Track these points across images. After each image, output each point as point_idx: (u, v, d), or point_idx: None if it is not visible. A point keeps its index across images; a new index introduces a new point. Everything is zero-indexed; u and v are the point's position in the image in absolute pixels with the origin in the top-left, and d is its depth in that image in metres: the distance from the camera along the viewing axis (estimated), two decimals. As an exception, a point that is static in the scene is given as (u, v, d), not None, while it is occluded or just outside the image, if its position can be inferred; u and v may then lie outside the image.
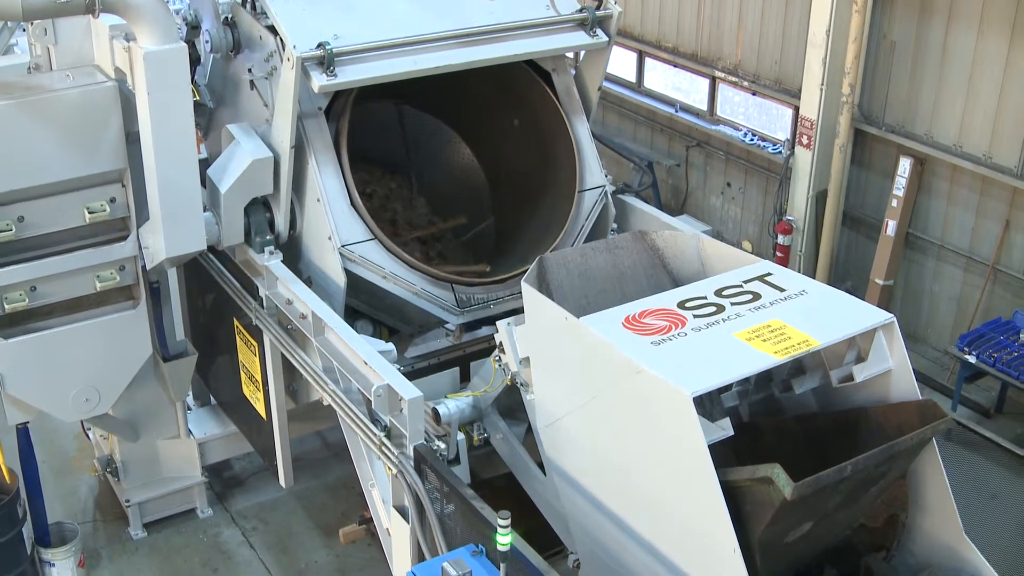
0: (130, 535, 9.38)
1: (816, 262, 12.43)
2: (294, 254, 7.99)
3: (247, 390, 8.54)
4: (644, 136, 14.87)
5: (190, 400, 9.66)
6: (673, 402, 5.23)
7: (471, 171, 9.27)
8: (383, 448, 6.57)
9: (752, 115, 13.24)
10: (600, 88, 8.53)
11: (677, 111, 14.08)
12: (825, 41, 11.56)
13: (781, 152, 12.62)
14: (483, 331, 8.14)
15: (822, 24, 11.57)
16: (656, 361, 5.46)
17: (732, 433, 5.57)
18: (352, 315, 7.84)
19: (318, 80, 7.14)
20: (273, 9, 7.30)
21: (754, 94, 13.05)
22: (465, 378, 7.85)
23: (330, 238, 7.52)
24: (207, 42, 7.92)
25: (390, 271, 7.60)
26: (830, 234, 12.20)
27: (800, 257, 12.53)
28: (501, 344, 6.65)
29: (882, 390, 5.95)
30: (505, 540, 5.19)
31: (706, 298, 6.07)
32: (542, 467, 6.69)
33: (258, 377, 8.21)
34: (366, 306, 7.92)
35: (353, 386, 6.91)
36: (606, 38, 8.12)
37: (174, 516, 9.57)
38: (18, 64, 8.29)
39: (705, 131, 13.73)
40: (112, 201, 7.56)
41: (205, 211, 7.62)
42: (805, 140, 12.14)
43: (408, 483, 6.34)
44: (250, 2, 7.73)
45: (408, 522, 6.48)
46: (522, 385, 6.60)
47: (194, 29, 8.06)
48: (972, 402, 11.01)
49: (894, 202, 11.57)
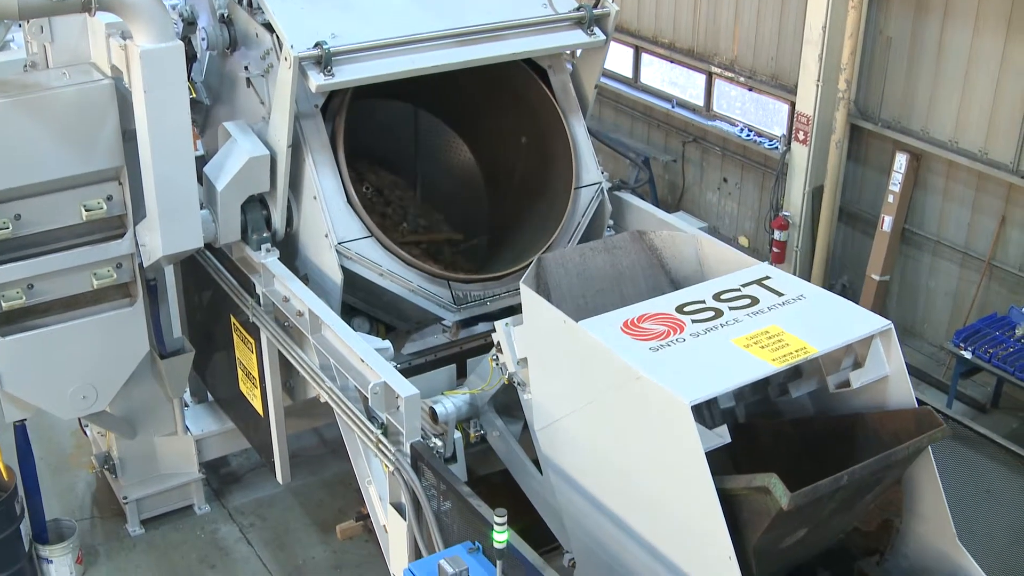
0: (128, 532, 9.40)
1: (812, 258, 12.45)
2: (291, 251, 7.98)
3: (244, 387, 8.55)
4: (641, 132, 14.88)
5: (187, 397, 9.67)
6: (671, 410, 5.24)
7: (467, 168, 9.26)
8: (380, 445, 6.58)
9: (748, 111, 13.25)
10: (597, 86, 8.51)
11: (674, 107, 14.08)
12: (821, 37, 11.58)
13: (777, 148, 12.64)
14: (480, 328, 8.13)
15: (818, 20, 11.58)
16: (655, 368, 5.46)
17: (729, 440, 5.58)
18: (349, 312, 7.84)
19: (315, 80, 7.14)
20: (270, 7, 7.27)
21: (750, 90, 13.07)
22: (462, 374, 7.86)
23: (327, 235, 7.51)
24: (203, 39, 7.90)
25: (387, 268, 7.59)
26: (826, 230, 12.22)
27: (796, 253, 12.55)
28: (499, 343, 6.67)
29: (878, 396, 5.96)
30: (501, 537, 5.19)
31: (704, 302, 6.07)
32: (538, 465, 6.71)
33: (255, 374, 8.22)
34: (363, 303, 7.92)
35: (350, 383, 6.91)
36: (603, 36, 8.10)
37: (172, 512, 9.59)
38: (14, 61, 8.30)
39: (701, 127, 13.74)
40: (109, 199, 7.55)
41: (202, 208, 7.61)
42: (801, 136, 12.15)
43: (405, 480, 6.34)
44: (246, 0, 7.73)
45: (405, 519, 6.48)
46: (519, 385, 6.60)
47: (190, 25, 8.02)
48: (968, 397, 11.03)
49: (890, 198, 11.59)
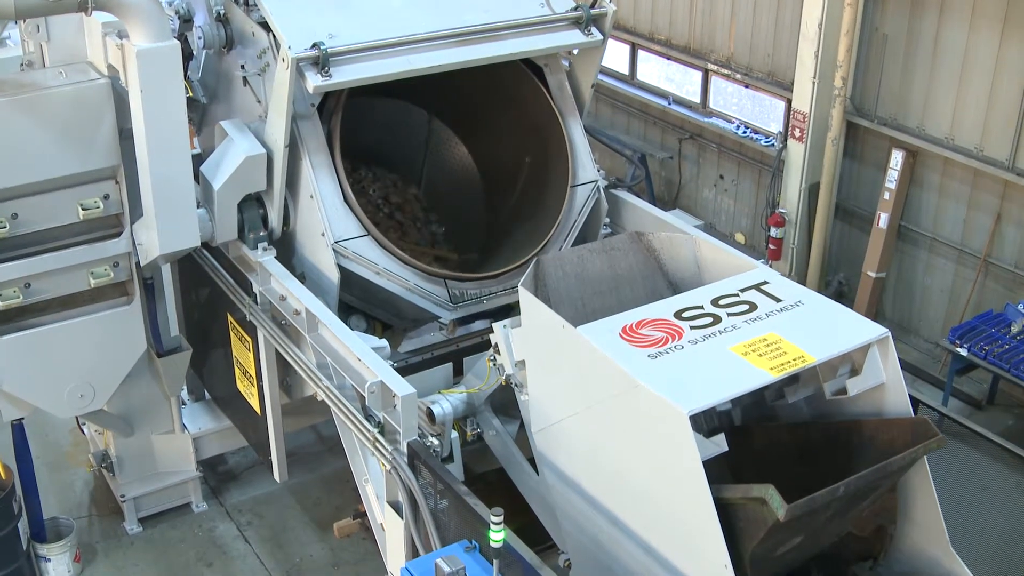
0: (125, 530, 9.41)
1: (809, 254, 12.47)
2: (288, 250, 7.99)
3: (241, 385, 8.56)
4: (637, 128, 14.88)
5: (184, 395, 9.68)
6: (669, 419, 5.26)
7: (464, 166, 9.27)
8: (377, 444, 6.59)
9: (745, 107, 13.25)
10: (594, 85, 8.51)
11: (670, 103, 14.08)
12: (817, 34, 11.59)
13: (774, 145, 12.65)
14: (476, 326, 8.15)
15: (814, 17, 11.58)
16: (653, 376, 5.47)
17: (726, 449, 5.57)
18: (346, 310, 7.85)
19: (313, 81, 7.13)
20: (268, 7, 7.26)
21: (747, 87, 13.07)
22: (458, 372, 7.87)
23: (323, 234, 7.52)
24: (200, 38, 7.89)
25: (383, 267, 7.60)
26: (822, 226, 12.24)
27: (793, 250, 12.56)
28: (496, 345, 6.68)
29: (875, 402, 5.98)
30: (498, 536, 5.22)
31: (703, 307, 6.08)
32: (534, 464, 6.72)
33: (252, 372, 8.23)
34: (360, 301, 7.92)
35: (347, 382, 6.92)
36: (600, 36, 8.10)
37: (169, 511, 9.60)
38: (10, 58, 8.31)
39: (698, 123, 13.74)
40: (106, 198, 7.55)
41: (198, 207, 7.62)
42: (798, 133, 12.16)
43: (402, 479, 6.35)
44: (243, -1, 7.73)
45: (402, 517, 6.49)
46: (516, 386, 6.61)
47: (186, 23, 8.01)
48: (964, 394, 11.05)
49: (886, 195, 11.61)
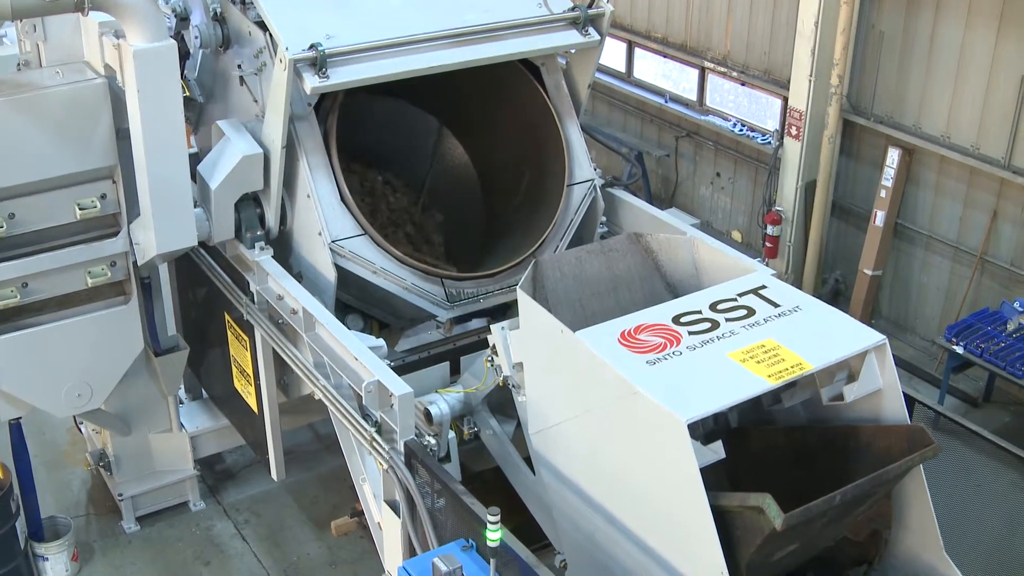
0: (123, 528, 9.42)
1: (805, 252, 12.48)
2: (285, 249, 7.99)
3: (239, 384, 8.57)
4: (634, 126, 14.89)
5: (182, 394, 9.69)
6: (667, 426, 5.27)
7: (461, 164, 9.28)
8: (374, 444, 6.60)
9: (742, 105, 13.26)
10: (591, 85, 8.52)
11: (667, 101, 14.09)
12: (814, 32, 11.60)
13: (770, 142, 12.66)
14: (473, 324, 8.17)
15: (811, 15, 11.59)
16: (651, 383, 5.48)
17: (724, 456, 5.58)
18: (343, 309, 7.86)
19: (310, 82, 7.13)
20: (265, 7, 7.26)
21: (743, 84, 13.08)
22: (455, 371, 7.89)
23: (320, 234, 7.53)
24: (196, 37, 7.89)
25: (380, 266, 7.62)
26: (819, 224, 12.25)
27: (789, 247, 12.58)
28: (494, 346, 6.68)
29: (871, 408, 6.00)
30: (495, 536, 5.22)
31: (701, 312, 6.09)
32: (530, 463, 6.74)
33: (249, 371, 8.24)
34: (357, 300, 7.93)
35: (344, 381, 6.92)
36: (598, 37, 8.10)
37: (167, 509, 9.61)
38: (7, 56, 8.31)
39: (695, 121, 13.75)
40: (103, 197, 7.56)
41: (196, 207, 7.62)
42: (794, 131, 12.17)
43: (399, 478, 6.37)
44: (240, -2, 7.72)
45: (399, 516, 6.51)
46: (514, 387, 6.62)
47: (183, 21, 8.00)
48: (960, 391, 11.07)
49: (883, 192, 11.62)
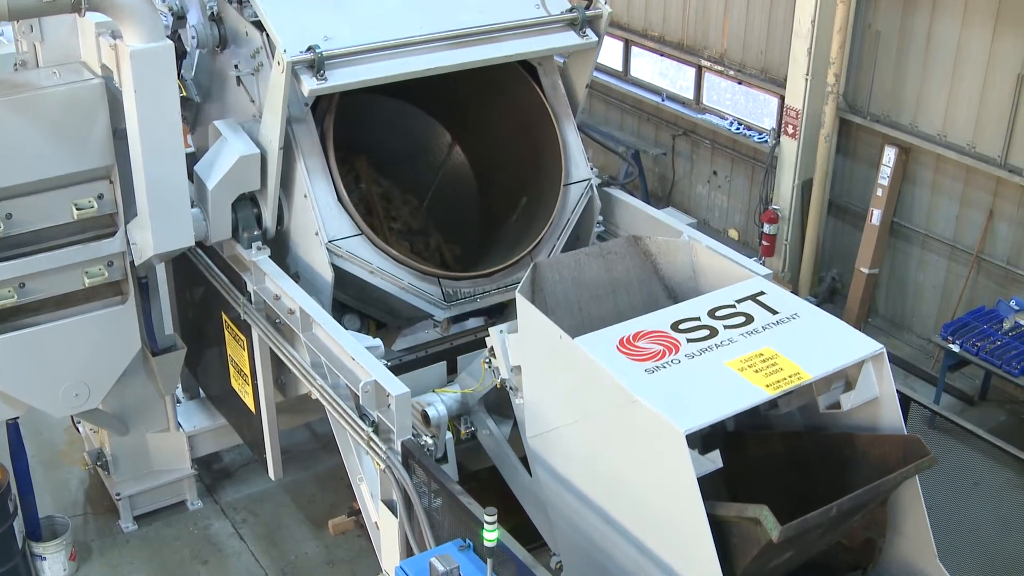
0: (121, 528, 9.43)
1: (802, 251, 12.50)
2: (282, 249, 8.00)
3: (236, 383, 8.57)
4: (631, 125, 14.90)
5: (179, 393, 9.69)
6: (665, 436, 5.29)
7: (457, 164, 9.29)
8: (371, 443, 6.61)
9: (738, 103, 13.26)
10: (588, 85, 8.52)
11: (663, 100, 14.10)
12: (810, 31, 11.61)
13: (767, 141, 12.67)
14: (471, 323, 8.19)
15: (807, 14, 11.60)
16: (650, 391, 5.49)
17: (721, 466, 5.58)
18: (340, 309, 7.87)
19: (308, 84, 7.13)
20: (263, 9, 7.25)
21: (740, 83, 13.09)
22: (452, 370, 7.90)
23: (317, 234, 7.54)
24: (193, 37, 7.89)
25: (377, 266, 7.63)
26: (815, 223, 12.27)
27: (786, 246, 12.60)
28: (492, 348, 6.69)
29: (867, 416, 6.02)
30: (492, 536, 5.24)
31: (699, 319, 6.11)
32: (526, 464, 6.75)
33: (247, 371, 8.24)
34: (354, 300, 7.95)
35: (341, 381, 6.94)
36: (595, 38, 8.10)
37: (164, 509, 9.61)
38: (4, 56, 8.31)
39: (691, 120, 13.76)
40: (100, 198, 7.56)
41: (193, 207, 7.64)
42: (791, 129, 12.19)
43: (396, 478, 6.38)
44: (236, -2, 7.72)
45: (396, 516, 6.53)
46: (512, 389, 6.64)
47: (179, 19, 8.01)
48: (956, 390, 11.09)
49: (879, 191, 11.63)
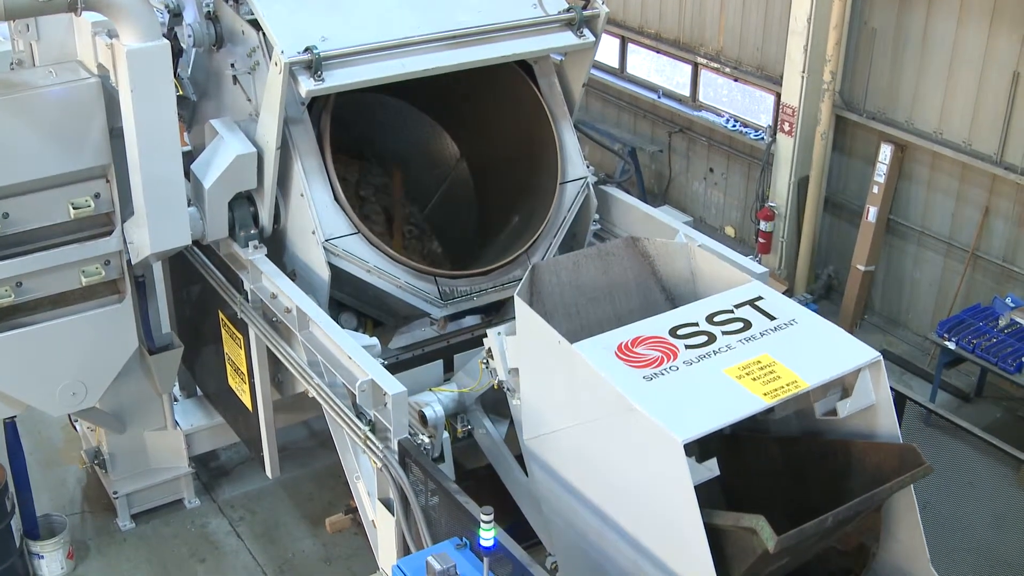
0: (118, 526, 9.43)
1: (798, 248, 12.52)
2: (278, 248, 8.01)
3: (233, 382, 8.58)
4: (627, 122, 14.91)
5: (176, 392, 9.71)
6: (663, 445, 5.29)
7: (454, 162, 9.30)
8: (368, 442, 6.62)
9: (735, 101, 13.27)
10: (585, 84, 8.53)
11: (660, 97, 14.10)
12: (806, 28, 11.62)
13: (763, 138, 12.68)
14: (467, 321, 8.20)
15: (803, 11, 11.62)
16: (648, 399, 5.50)
17: (718, 474, 5.59)
18: (336, 308, 7.89)
19: (306, 85, 7.11)
20: (260, 9, 7.25)
21: (736, 80, 13.10)
22: (449, 369, 7.91)
23: (314, 232, 7.55)
24: (189, 36, 7.90)
25: (374, 265, 7.64)
26: (812, 220, 12.28)
27: (782, 243, 12.61)
28: (490, 350, 6.70)
29: (864, 423, 6.03)
30: (488, 535, 5.26)
31: (697, 325, 6.11)
32: (522, 463, 6.76)
33: (244, 369, 8.25)
34: (350, 299, 7.96)
35: (338, 380, 6.95)
36: (592, 38, 8.10)
37: (162, 507, 9.61)
38: (2, 53, 8.30)
39: (688, 117, 13.77)
40: (96, 196, 7.56)
41: (189, 206, 7.64)
42: (787, 127, 12.20)
43: (393, 477, 6.39)
44: (233, -3, 7.72)
45: (393, 514, 6.54)
46: (509, 390, 6.65)
47: (176, 17, 8.00)
48: (952, 387, 11.12)
49: (875, 188, 11.65)
